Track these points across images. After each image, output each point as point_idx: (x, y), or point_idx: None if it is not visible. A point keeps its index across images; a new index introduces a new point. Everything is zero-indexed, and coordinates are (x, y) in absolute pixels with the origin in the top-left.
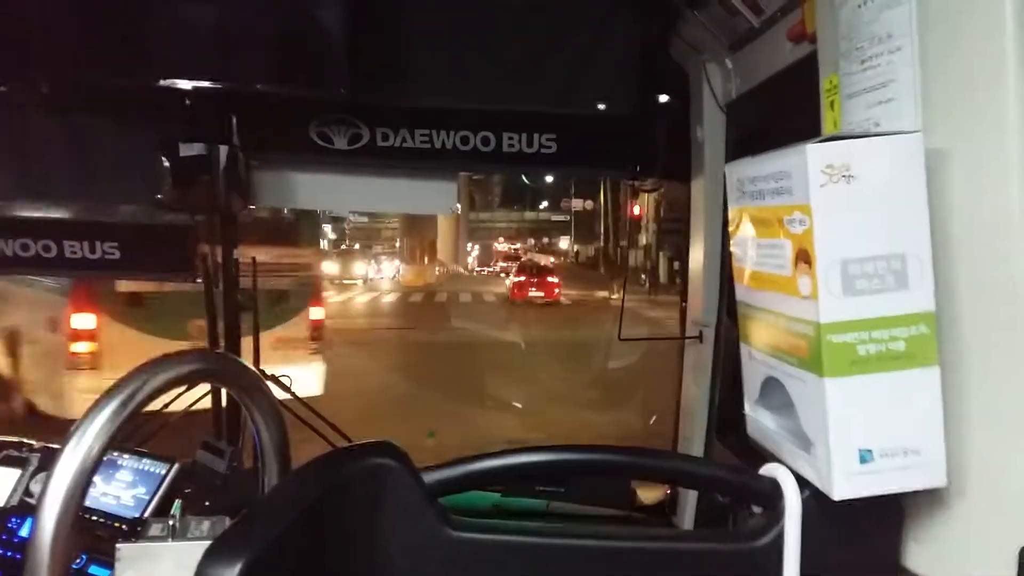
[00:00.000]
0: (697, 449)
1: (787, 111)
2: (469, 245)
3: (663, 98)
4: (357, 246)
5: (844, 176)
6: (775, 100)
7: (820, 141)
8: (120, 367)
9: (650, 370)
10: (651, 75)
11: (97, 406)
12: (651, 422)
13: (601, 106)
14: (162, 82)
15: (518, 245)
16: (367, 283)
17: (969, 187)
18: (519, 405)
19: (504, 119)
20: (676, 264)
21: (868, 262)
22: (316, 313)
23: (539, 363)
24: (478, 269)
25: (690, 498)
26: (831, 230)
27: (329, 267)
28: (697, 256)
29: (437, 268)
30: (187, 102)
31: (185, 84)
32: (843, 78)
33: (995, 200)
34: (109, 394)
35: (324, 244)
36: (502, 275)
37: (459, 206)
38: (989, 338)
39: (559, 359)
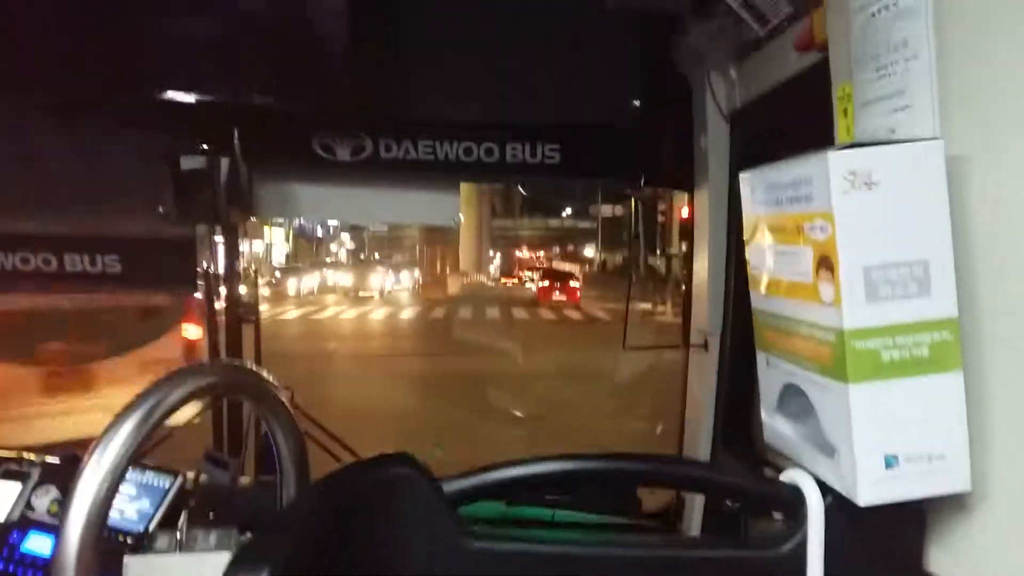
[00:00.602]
0: (702, 456)
1: (793, 121)
2: (491, 253)
3: (666, 108)
4: (377, 256)
5: (866, 183)
6: (780, 110)
7: (841, 148)
8: None
9: None
10: (654, 85)
11: (119, 419)
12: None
13: (603, 117)
14: (163, 96)
15: (540, 253)
16: (384, 296)
17: (990, 193)
18: None
19: (507, 130)
20: None
21: (891, 268)
22: (190, 332)
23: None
24: (503, 279)
25: (696, 506)
26: (854, 237)
27: (344, 279)
28: (702, 264)
29: (461, 279)
30: (189, 115)
31: (187, 97)
32: (857, 86)
33: (1016, 205)
34: (131, 407)
35: (342, 254)
36: (527, 285)
37: (462, 217)
38: (1013, 343)
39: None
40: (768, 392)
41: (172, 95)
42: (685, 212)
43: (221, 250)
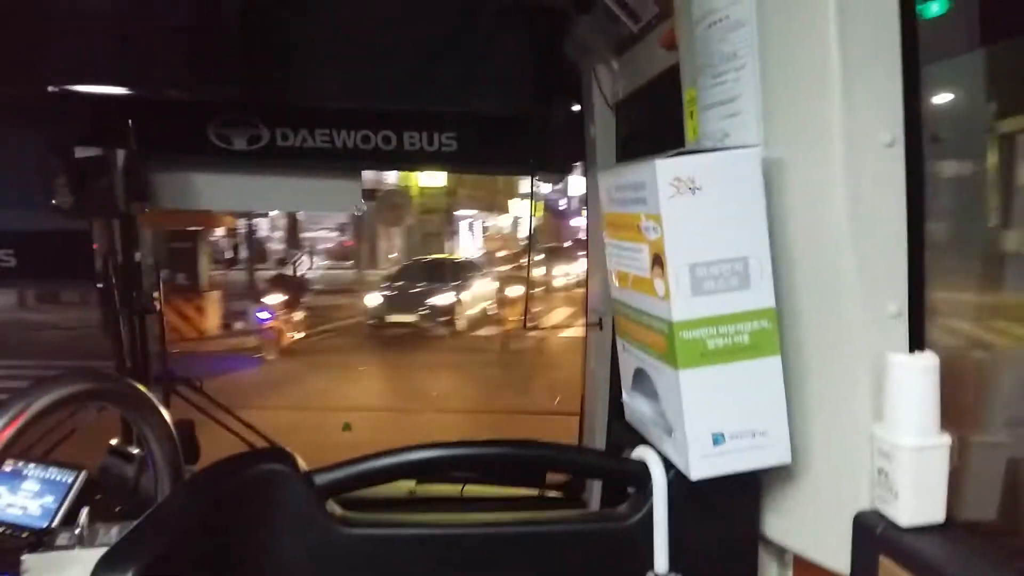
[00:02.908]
0: (600, 428)
1: (667, 112)
2: None
3: (559, 98)
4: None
5: (690, 188)
6: (656, 101)
7: (669, 156)
8: None
9: None
10: (546, 75)
11: None
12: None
13: (499, 106)
14: (54, 88)
15: None
16: None
17: (803, 194)
18: None
19: (404, 118)
20: None
21: (714, 265)
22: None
23: None
24: None
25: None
26: (680, 237)
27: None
28: (596, 246)
29: None
30: (83, 106)
31: (80, 88)
32: (700, 91)
33: (824, 204)
34: None
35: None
36: None
37: (364, 205)
38: (824, 329)
39: None
40: (625, 374)
41: (64, 88)
42: None
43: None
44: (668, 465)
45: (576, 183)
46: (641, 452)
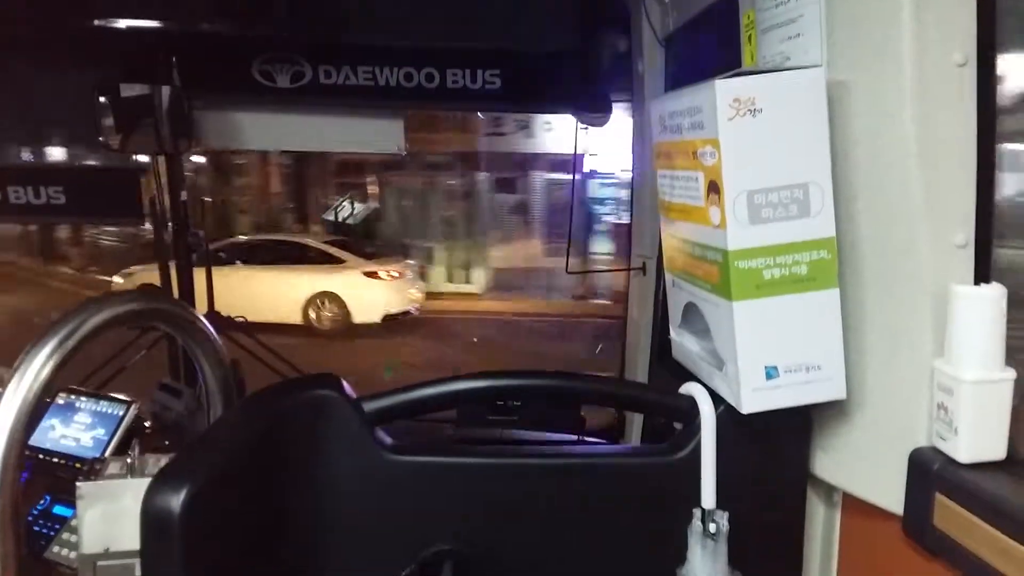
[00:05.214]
0: (641, 374)
1: (719, 44)
2: None
3: (606, 33)
4: None
5: (750, 110)
6: (708, 33)
7: (728, 76)
8: None
9: None
10: (592, 10)
11: (36, 345)
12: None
13: (544, 42)
14: (98, 22)
15: None
16: None
17: (869, 117)
18: None
19: (448, 56)
20: None
21: (773, 192)
22: None
23: None
24: None
25: (635, 423)
26: (738, 162)
27: None
28: (640, 189)
29: None
30: (127, 43)
31: (122, 23)
32: (758, 13)
33: (890, 128)
34: (48, 333)
35: None
36: None
37: (407, 146)
38: (885, 261)
39: None
40: (674, 311)
41: (107, 22)
42: None
43: None
44: (717, 401)
45: None
46: (689, 387)
